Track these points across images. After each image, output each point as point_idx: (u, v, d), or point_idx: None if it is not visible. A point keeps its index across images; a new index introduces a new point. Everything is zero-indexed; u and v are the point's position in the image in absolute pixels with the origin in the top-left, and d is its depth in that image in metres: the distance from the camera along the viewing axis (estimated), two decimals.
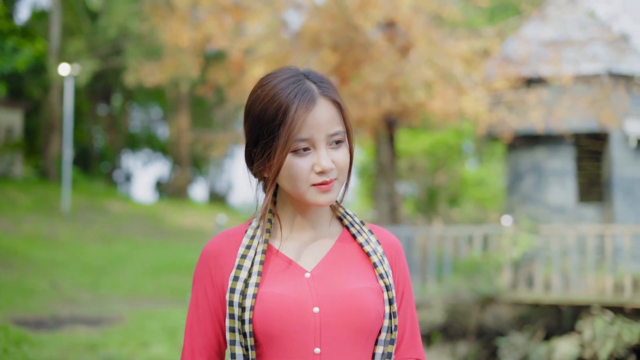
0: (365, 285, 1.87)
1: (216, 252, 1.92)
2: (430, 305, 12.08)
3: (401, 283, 1.99)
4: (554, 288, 12.32)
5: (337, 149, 1.86)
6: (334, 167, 1.85)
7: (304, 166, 1.83)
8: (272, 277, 1.86)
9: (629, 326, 11.25)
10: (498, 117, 13.84)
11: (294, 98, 1.82)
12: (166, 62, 15.07)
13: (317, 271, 1.88)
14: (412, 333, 2.00)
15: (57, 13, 25.89)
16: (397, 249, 2.01)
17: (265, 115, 1.84)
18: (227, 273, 1.89)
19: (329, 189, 1.84)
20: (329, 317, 1.83)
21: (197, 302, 1.93)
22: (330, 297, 1.84)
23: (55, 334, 8.41)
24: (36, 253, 14.94)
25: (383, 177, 15.02)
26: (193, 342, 1.93)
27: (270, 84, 1.86)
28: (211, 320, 1.91)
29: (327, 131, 1.84)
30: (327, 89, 1.88)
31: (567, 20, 14.53)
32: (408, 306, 2.00)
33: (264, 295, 1.82)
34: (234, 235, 1.95)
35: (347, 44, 13.29)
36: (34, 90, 28.50)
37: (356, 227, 1.98)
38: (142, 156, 42.61)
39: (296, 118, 1.80)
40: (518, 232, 12.74)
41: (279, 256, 1.90)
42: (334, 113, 1.86)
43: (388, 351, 1.91)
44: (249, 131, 1.90)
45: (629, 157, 14.84)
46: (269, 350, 1.83)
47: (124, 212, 22.70)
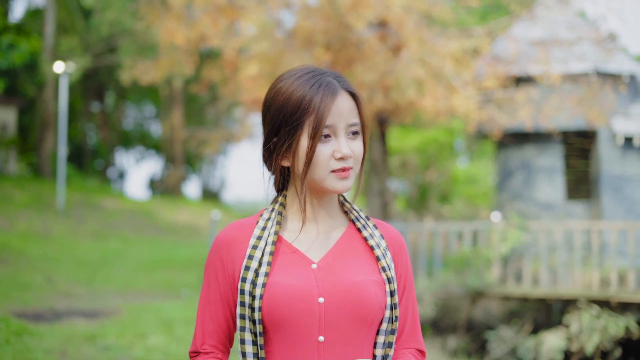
0: (369, 277, 1.96)
1: (228, 241, 2.00)
2: (421, 299, 12.28)
3: (403, 276, 2.07)
4: (542, 283, 12.55)
5: (354, 139, 1.97)
6: (352, 155, 1.95)
7: (325, 152, 1.92)
8: (281, 267, 1.94)
9: (614, 320, 11.49)
10: (488, 115, 14.05)
11: (318, 88, 1.92)
12: (161, 60, 15.21)
13: (324, 263, 1.97)
14: (413, 324, 2.09)
15: (51, 11, 25.98)
16: (400, 244, 2.10)
17: (289, 104, 1.93)
18: (238, 261, 1.97)
19: (347, 176, 1.94)
20: (333, 307, 1.91)
21: (208, 288, 2.01)
22: (335, 288, 1.92)
23: (54, 326, 8.58)
24: (31, 249, 15.07)
25: (375, 174, 15.22)
26: (204, 326, 2.01)
27: (292, 78, 1.97)
28: (222, 305, 1.99)
29: (347, 121, 1.94)
30: (345, 82, 1.99)
31: (556, 20, 14.77)
32: (409, 298, 2.09)
33: (273, 285, 1.90)
34: (245, 226, 2.03)
35: (340, 43, 13.47)
36: (28, 87, 28.58)
37: (361, 222, 2.07)
38: (135, 153, 42.68)
39: (323, 106, 1.91)
40: (507, 228, 12.96)
41: (288, 247, 1.99)
42: (352, 105, 1.97)
43: (389, 340, 1.99)
44: (270, 121, 1.97)
45: (616, 155, 15.07)
46: (275, 336, 1.91)
47: (118, 209, 22.83)
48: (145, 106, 40.54)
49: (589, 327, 11.50)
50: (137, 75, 15.32)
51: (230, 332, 2.02)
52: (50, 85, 26.10)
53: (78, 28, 28.95)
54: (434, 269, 13.27)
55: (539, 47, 14.20)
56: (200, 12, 14.05)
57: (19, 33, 20.27)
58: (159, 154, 39.97)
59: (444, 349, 12.31)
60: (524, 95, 13.97)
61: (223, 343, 2.02)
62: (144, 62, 16.11)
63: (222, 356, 2.02)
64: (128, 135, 40.32)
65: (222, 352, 2.02)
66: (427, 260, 13.83)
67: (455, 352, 12.37)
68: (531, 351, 11.89)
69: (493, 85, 13.75)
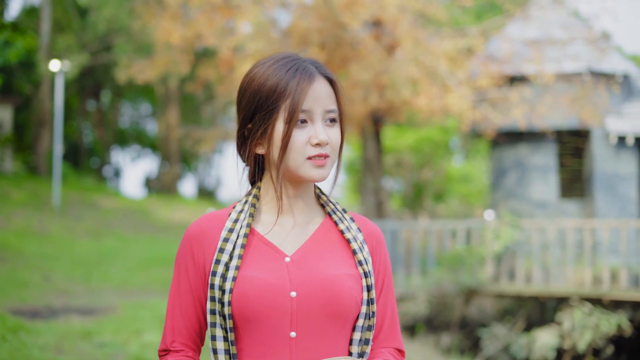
0: (344, 271, 1.88)
1: (199, 234, 1.93)
2: (415, 297, 12.37)
3: (381, 272, 1.99)
4: (535, 281, 12.64)
5: (331, 127, 1.89)
6: (329, 142, 1.87)
7: (301, 138, 1.85)
8: (252, 260, 1.87)
9: (606, 317, 11.59)
10: (482, 114, 14.14)
11: (295, 72, 1.86)
12: (157, 59, 15.28)
13: (297, 256, 1.89)
14: (392, 323, 2.00)
15: (47, 9, 26.01)
16: (378, 238, 2.02)
17: (264, 88, 1.86)
18: (209, 255, 1.90)
19: (323, 164, 1.87)
20: (306, 301, 1.83)
21: (179, 283, 1.93)
22: (308, 282, 1.85)
23: (51, 323, 8.64)
24: (27, 247, 15.12)
25: (369, 173, 15.30)
26: (174, 322, 1.92)
27: (268, 63, 1.90)
28: (192, 300, 1.91)
29: (324, 106, 1.87)
30: (323, 68, 1.92)
31: (550, 20, 14.86)
32: (388, 296, 2.00)
33: (243, 279, 1.82)
34: (217, 218, 1.95)
35: (335, 43, 13.55)
36: (24, 85, 28.60)
37: (338, 215, 2.00)
38: (131, 152, 42.73)
39: (300, 89, 1.84)
40: (500, 226, 13.05)
41: (261, 240, 1.91)
42: (330, 91, 1.90)
43: (366, 337, 1.91)
44: (244, 107, 1.91)
45: (609, 154, 15.16)
46: (246, 332, 1.84)
47: (114, 207, 22.89)
48: (141, 105, 40.58)
49: (581, 324, 11.60)
50: (132, 74, 15.39)
51: (201, 329, 1.94)
52: (46, 83, 26.13)
53: (74, 26, 28.99)
54: (427, 266, 13.35)
55: (532, 46, 14.29)
56: (196, 11, 14.12)
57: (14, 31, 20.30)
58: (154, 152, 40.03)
59: (438, 347, 12.39)
60: (517, 94, 14.07)
61: (194, 340, 1.93)
62: (139, 60, 16.18)
63: (193, 354, 1.93)
64: (124, 133, 40.36)
65: (193, 350, 1.93)
66: (421, 258, 13.91)
67: (449, 349, 12.45)
68: (524, 348, 11.98)
69: (487, 85, 13.83)
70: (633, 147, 15.13)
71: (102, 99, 36.91)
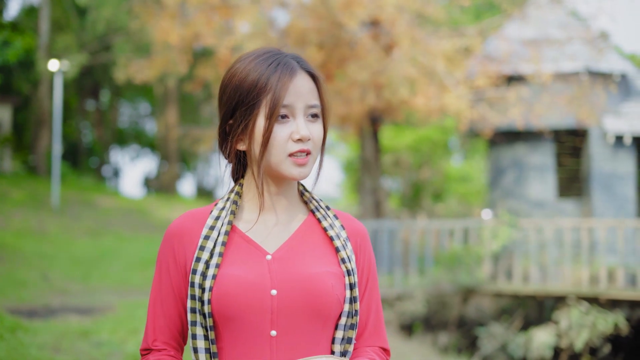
0: (326, 269, 1.86)
1: (180, 232, 1.90)
2: (413, 296, 12.40)
3: (365, 270, 1.97)
4: (533, 280, 12.67)
5: (313, 122, 1.86)
6: (311, 138, 1.85)
7: (282, 133, 1.82)
8: (233, 258, 1.85)
9: (603, 316, 11.62)
10: (479, 113, 14.17)
11: (276, 67, 1.83)
12: (155, 58, 15.30)
13: (279, 254, 1.87)
14: (376, 322, 1.97)
15: (46, 9, 26.03)
16: (363, 236, 1.99)
17: (246, 83, 1.83)
18: (190, 253, 1.87)
19: (304, 162, 1.84)
20: (286, 300, 1.81)
21: (160, 281, 1.90)
22: (289, 280, 1.82)
23: (49, 322, 8.66)
24: (26, 246, 15.14)
25: (367, 172, 15.32)
26: (155, 321, 1.90)
27: (249, 58, 1.88)
28: (174, 299, 1.88)
29: (306, 101, 1.84)
30: (305, 63, 1.90)
31: (547, 20, 14.89)
32: (373, 295, 1.98)
33: (223, 277, 1.80)
34: (198, 215, 1.93)
35: (333, 42, 13.58)
36: (23, 85, 28.62)
37: (321, 212, 1.97)
38: (130, 151, 42.74)
39: (281, 84, 1.81)
40: (498, 225, 13.08)
41: (243, 238, 1.89)
42: (312, 86, 1.87)
43: (348, 336, 1.89)
44: (225, 102, 1.88)
45: (607, 153, 15.19)
46: (226, 331, 1.81)
47: (113, 207, 22.90)
48: (140, 104, 40.60)
49: (578, 323, 11.63)
50: (131, 74, 15.40)
51: (183, 328, 1.91)
52: (45, 83, 26.15)
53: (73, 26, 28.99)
54: (425, 266, 13.38)
55: (530, 46, 14.32)
56: (195, 10, 14.14)
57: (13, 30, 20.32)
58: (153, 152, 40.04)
59: (435, 346, 12.42)
60: (515, 94, 14.09)
61: (176, 339, 1.90)
62: (138, 60, 16.20)
63: (175, 353, 1.90)
64: (123, 133, 40.37)
65: (175, 349, 1.91)
66: (419, 257, 13.94)
67: (446, 348, 12.48)
68: (521, 347, 12.01)
69: (485, 84, 13.86)
70: (630, 146, 15.16)
71: (101, 99, 36.92)
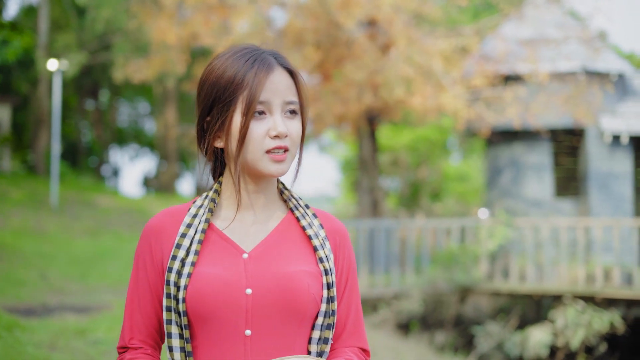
0: (303, 268, 1.84)
1: (157, 229, 1.89)
2: (409, 295, 12.44)
3: (345, 270, 1.95)
4: (529, 279, 12.72)
5: (291, 119, 1.85)
6: (289, 135, 1.83)
7: (259, 130, 1.81)
8: (209, 257, 1.83)
9: (599, 315, 11.66)
10: (476, 113, 14.21)
11: (252, 63, 1.82)
12: (153, 58, 15.34)
13: (256, 252, 1.85)
14: (356, 322, 1.96)
15: (45, 8, 26.08)
16: (342, 235, 1.97)
17: (222, 80, 1.83)
18: (166, 250, 1.86)
19: (282, 159, 1.82)
20: (262, 299, 1.79)
21: (137, 279, 1.89)
22: (264, 279, 1.81)
23: (45, 321, 8.70)
24: (25, 245, 15.17)
25: (365, 172, 15.36)
26: (132, 319, 1.89)
27: (227, 55, 1.87)
28: (151, 297, 1.87)
29: (283, 97, 1.83)
30: (283, 59, 1.88)
31: (544, 20, 14.93)
32: (352, 294, 1.96)
33: (198, 275, 1.79)
34: (176, 213, 1.92)
35: (330, 42, 13.62)
36: (22, 84, 28.68)
37: (300, 211, 1.95)
38: (129, 151, 42.77)
39: (257, 80, 1.80)
40: (494, 224, 13.12)
41: (220, 236, 1.87)
42: (290, 82, 1.86)
43: (325, 336, 1.87)
44: (203, 99, 1.87)
45: (604, 153, 15.23)
46: (200, 330, 1.80)
47: (112, 206, 22.93)
48: (139, 104, 40.64)
49: (574, 322, 11.67)
50: (129, 74, 15.44)
51: (160, 326, 1.88)
52: (45, 82, 26.19)
53: (72, 25, 29.04)
54: (421, 265, 13.43)
55: (527, 46, 14.36)
56: (192, 10, 14.18)
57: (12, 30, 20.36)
58: (153, 151, 40.08)
59: (432, 345, 12.46)
60: (512, 93, 14.13)
61: (153, 337, 1.89)
62: (136, 60, 16.24)
63: (152, 352, 1.89)
64: (122, 132, 40.40)
65: (152, 347, 1.89)
66: (415, 256, 13.99)
67: (443, 347, 12.52)
68: (517, 346, 12.05)
69: (481, 84, 13.90)
70: (627, 145, 15.19)
71: (100, 98, 36.95)
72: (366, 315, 12.50)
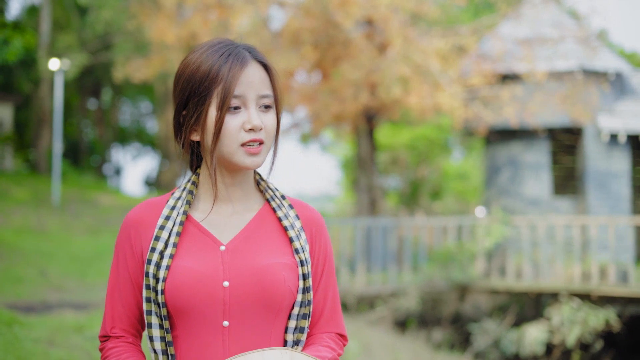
0: (279, 260, 1.87)
1: (136, 221, 1.92)
2: (406, 292, 12.51)
3: (321, 259, 1.99)
4: (525, 276, 12.79)
5: (266, 112, 1.87)
6: (263, 127, 1.85)
7: (234, 124, 1.83)
8: (187, 249, 1.87)
9: (595, 312, 11.72)
10: (473, 112, 14.28)
11: (227, 57, 1.84)
12: (153, 58, 15.43)
13: (233, 244, 1.88)
14: (333, 308, 2.00)
15: (47, 8, 26.18)
16: (318, 225, 2.00)
17: (197, 74, 1.85)
18: (146, 242, 1.90)
19: (257, 152, 1.85)
20: (238, 291, 1.83)
21: (117, 270, 1.92)
22: (241, 271, 1.84)
23: (44, 317, 8.80)
24: (25, 243, 15.27)
25: (363, 170, 15.44)
26: (114, 309, 1.92)
27: (202, 49, 1.89)
28: (132, 288, 1.91)
29: (258, 91, 1.85)
30: (257, 53, 1.90)
31: (541, 19, 14.99)
32: (329, 283, 1.99)
33: (176, 268, 1.82)
34: (155, 205, 1.95)
35: (327, 42, 13.70)
36: (24, 84, 28.77)
37: (276, 202, 1.98)
38: (131, 150, 42.87)
39: (232, 75, 1.82)
40: (491, 223, 13.19)
41: (198, 228, 1.90)
42: (264, 76, 1.88)
43: (301, 325, 1.91)
44: (179, 93, 1.90)
45: (602, 151, 15.28)
46: (179, 321, 1.84)
47: (113, 205, 23.02)
48: (141, 103, 40.72)
49: (570, 319, 11.73)
50: (129, 73, 15.53)
51: (141, 315, 1.93)
52: (47, 82, 26.30)
53: (74, 25, 29.14)
54: (419, 263, 13.50)
55: (524, 45, 14.43)
56: (191, 10, 14.26)
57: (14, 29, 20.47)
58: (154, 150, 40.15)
59: (429, 342, 12.53)
60: (509, 92, 14.19)
61: (134, 326, 1.93)
62: (136, 59, 16.32)
63: (134, 340, 1.93)
64: (124, 131, 40.48)
65: (133, 336, 1.94)
66: (413, 254, 14.06)
67: (440, 344, 12.59)
68: (514, 343, 12.12)
69: (479, 83, 13.96)
70: (625, 144, 15.25)
71: (102, 97, 37.06)
72: (363, 312, 12.59)
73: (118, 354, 1.89)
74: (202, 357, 1.84)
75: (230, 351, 1.83)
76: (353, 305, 12.52)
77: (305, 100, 14.49)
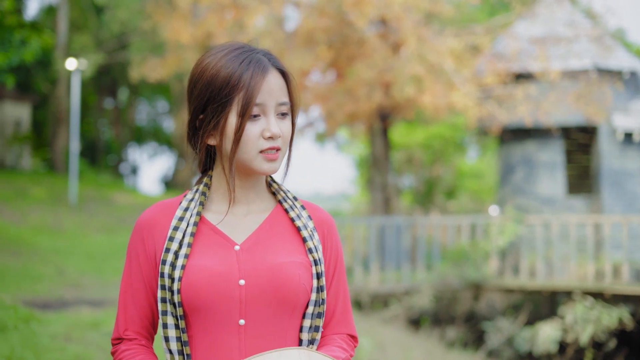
0: (293, 259, 1.89)
1: (150, 223, 1.93)
2: (420, 291, 12.56)
3: (332, 260, 2.01)
4: (539, 275, 12.80)
5: (283, 119, 1.89)
6: (281, 135, 1.87)
7: (254, 131, 1.84)
8: (202, 249, 1.88)
9: (608, 311, 11.73)
10: (488, 111, 14.29)
11: (248, 64, 1.84)
12: (168, 58, 15.54)
13: (247, 244, 1.90)
14: (344, 309, 2.01)
15: (64, 8, 26.39)
16: (330, 226, 2.02)
17: (217, 79, 1.84)
18: (159, 243, 1.90)
19: (275, 158, 1.86)
20: (254, 289, 1.84)
21: (130, 272, 1.93)
22: (256, 270, 1.86)
23: (61, 314, 8.92)
24: (42, 242, 15.42)
25: (377, 169, 15.49)
26: (126, 311, 1.92)
27: (220, 53, 1.89)
28: (144, 289, 1.91)
29: (277, 99, 1.87)
30: (276, 60, 1.91)
31: (556, 18, 14.98)
32: (340, 283, 2.01)
33: (192, 268, 1.83)
34: (168, 206, 1.96)
35: (341, 42, 13.76)
36: (41, 84, 29.01)
37: (289, 202, 1.99)
38: (148, 149, 43.06)
39: (254, 83, 1.83)
40: (504, 221, 13.21)
41: (211, 228, 1.92)
42: (282, 84, 1.89)
43: (315, 324, 1.92)
44: (196, 98, 1.89)
45: (616, 150, 15.26)
46: (196, 320, 1.85)
47: (130, 204, 23.16)
48: (157, 102, 40.90)
49: (583, 318, 11.74)
50: (145, 73, 15.64)
51: (154, 318, 1.94)
52: (64, 81, 26.51)
53: (91, 25, 29.35)
54: (432, 261, 13.55)
55: (538, 44, 14.43)
56: (206, 10, 14.36)
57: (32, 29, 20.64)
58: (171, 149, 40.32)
59: (443, 340, 12.57)
60: (523, 91, 14.19)
61: (147, 329, 1.94)
62: (152, 59, 16.44)
63: (146, 342, 1.94)
64: (141, 131, 40.67)
65: (146, 338, 1.94)
66: (426, 252, 14.10)
67: (453, 343, 12.63)
68: (527, 342, 12.14)
69: (493, 82, 13.97)
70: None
71: (119, 97, 37.26)
72: (377, 310, 12.65)
73: (131, 356, 1.90)
74: (218, 355, 1.85)
75: (246, 349, 1.85)
76: (367, 304, 12.59)
77: (319, 99, 14.56)
